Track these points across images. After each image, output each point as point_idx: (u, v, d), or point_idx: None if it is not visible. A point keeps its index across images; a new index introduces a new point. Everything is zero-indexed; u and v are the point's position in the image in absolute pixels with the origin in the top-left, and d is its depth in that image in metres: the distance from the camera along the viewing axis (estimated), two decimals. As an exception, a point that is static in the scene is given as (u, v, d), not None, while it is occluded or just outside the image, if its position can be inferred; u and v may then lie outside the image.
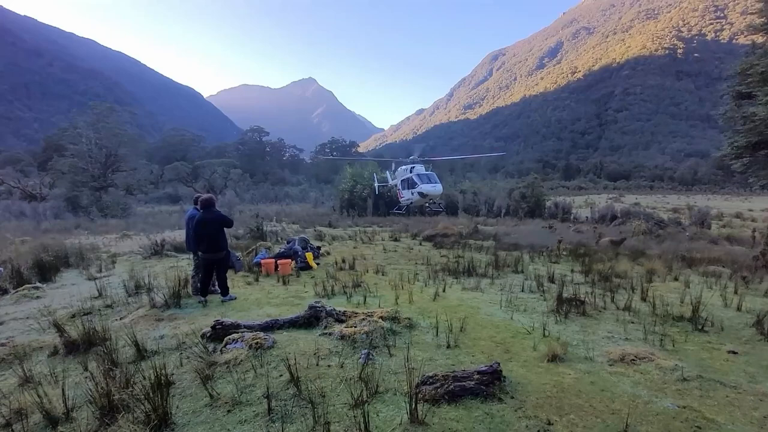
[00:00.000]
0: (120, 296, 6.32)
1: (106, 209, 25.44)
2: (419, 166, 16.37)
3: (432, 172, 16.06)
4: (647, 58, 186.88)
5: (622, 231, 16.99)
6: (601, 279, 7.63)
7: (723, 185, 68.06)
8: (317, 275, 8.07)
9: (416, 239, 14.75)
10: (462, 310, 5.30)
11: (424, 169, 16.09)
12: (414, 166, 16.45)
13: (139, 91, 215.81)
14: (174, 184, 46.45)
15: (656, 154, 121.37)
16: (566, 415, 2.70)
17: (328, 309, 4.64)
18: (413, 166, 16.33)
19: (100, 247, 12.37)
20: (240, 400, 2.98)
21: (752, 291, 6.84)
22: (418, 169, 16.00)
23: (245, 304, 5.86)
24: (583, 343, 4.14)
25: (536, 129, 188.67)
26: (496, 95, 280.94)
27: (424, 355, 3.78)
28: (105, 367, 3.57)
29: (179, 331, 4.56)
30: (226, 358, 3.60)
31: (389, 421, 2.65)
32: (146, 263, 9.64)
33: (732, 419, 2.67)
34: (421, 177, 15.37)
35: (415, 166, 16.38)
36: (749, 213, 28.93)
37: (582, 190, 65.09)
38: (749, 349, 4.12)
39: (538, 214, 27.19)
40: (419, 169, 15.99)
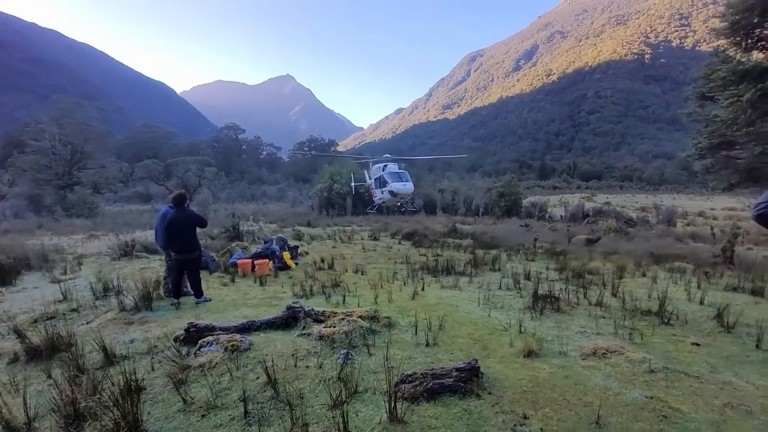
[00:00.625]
0: (87, 299, 6.05)
1: (72, 209, 24.26)
2: (392, 165, 16.27)
3: (404, 170, 16.04)
4: (617, 62, 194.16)
5: (594, 229, 17.57)
6: (574, 276, 7.86)
7: (687, 185, 71.50)
8: (295, 275, 7.96)
9: (395, 238, 14.79)
10: (441, 309, 5.35)
11: (396, 168, 16.05)
12: (387, 164, 16.39)
13: (107, 86, 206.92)
14: (145, 182, 44.77)
15: (626, 155, 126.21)
16: (541, 408, 2.76)
17: (306, 309, 4.58)
18: (386, 164, 16.24)
19: (65, 249, 11.78)
20: (215, 404, 2.90)
21: (713, 286, 7.21)
22: (391, 167, 15.89)
23: (221, 306, 5.71)
24: (558, 338, 4.25)
25: (513, 129, 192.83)
26: (474, 96, 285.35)
27: (404, 353, 3.79)
28: (70, 374, 3.41)
29: (150, 334, 4.40)
30: (201, 362, 3.50)
31: (368, 421, 2.64)
32: (115, 265, 9.26)
33: (695, 408, 2.80)
34: (393, 175, 15.29)
35: (388, 165, 16.28)
36: (711, 212, 30.52)
37: (556, 189, 66.97)
38: (710, 341, 4.34)
39: (515, 213, 27.77)
40: (392, 167, 15.89)
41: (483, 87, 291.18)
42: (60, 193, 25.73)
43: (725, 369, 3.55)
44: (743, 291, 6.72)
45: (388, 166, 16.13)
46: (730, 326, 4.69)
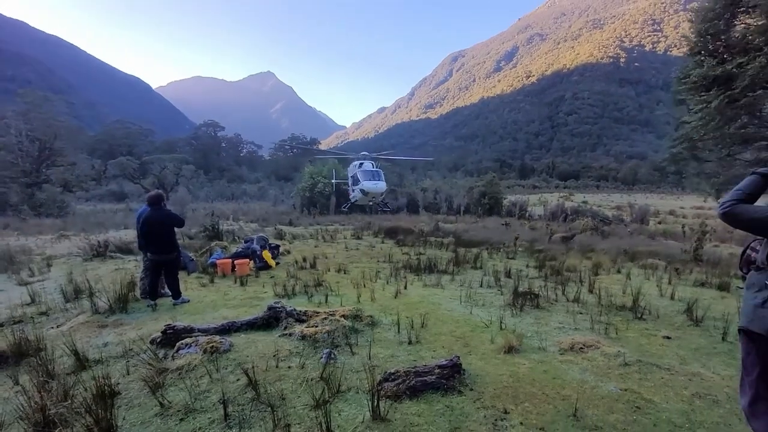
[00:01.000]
0: (57, 302, 5.80)
1: (40, 207, 23.21)
2: (367, 163, 15.96)
3: (379, 169, 15.70)
4: (594, 65, 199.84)
5: (571, 228, 18.04)
6: (553, 273, 8.05)
7: (659, 185, 74.28)
8: (277, 275, 7.86)
9: (378, 237, 14.79)
10: (423, 307, 5.38)
11: (371, 166, 15.75)
12: (363, 162, 16.24)
13: (77, 80, 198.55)
14: (119, 180, 43.30)
15: (602, 155, 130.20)
16: (521, 403, 2.82)
17: (288, 309, 4.53)
18: (362, 162, 16.11)
19: (32, 249, 11.27)
20: (194, 407, 2.83)
21: (683, 281, 7.51)
22: (366, 165, 15.63)
23: (199, 307, 5.58)
24: (537, 334, 4.35)
25: (494, 129, 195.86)
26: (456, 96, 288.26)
27: (386, 352, 3.80)
28: (39, 380, 3.27)
29: (126, 337, 4.26)
30: (179, 364, 3.41)
31: (351, 420, 2.63)
32: (87, 266, 8.91)
33: (666, 399, 2.91)
34: (365, 173, 15.10)
35: (364, 163, 16.08)
36: (681, 210, 31.83)
37: (536, 189, 68.44)
38: (680, 334, 4.52)
39: (496, 212, 28.23)
40: (367, 165, 15.63)
41: (465, 87, 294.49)
42: (27, 192, 24.56)
43: (694, 360, 3.70)
44: (710, 286, 7.03)
45: (364, 164, 15.96)
46: (698, 320, 4.90)
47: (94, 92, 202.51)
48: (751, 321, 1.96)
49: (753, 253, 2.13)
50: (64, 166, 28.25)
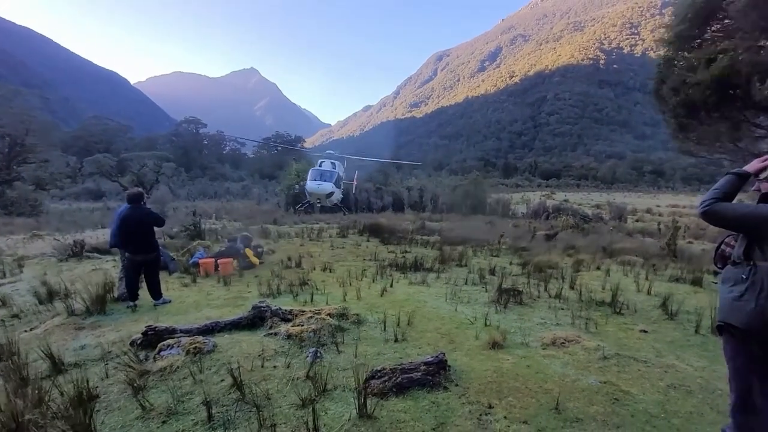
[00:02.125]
0: (29, 304, 5.60)
1: (11, 206, 22.30)
2: (327, 162, 15.36)
3: (334, 170, 14.94)
4: (575, 66, 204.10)
5: (553, 225, 18.41)
6: (535, 270, 8.20)
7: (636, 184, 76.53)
8: (262, 274, 7.76)
9: (364, 235, 14.77)
10: (409, 304, 5.41)
11: (332, 166, 15.17)
12: (323, 161, 15.48)
13: (50, 74, 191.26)
14: (96, 178, 41.93)
15: (582, 155, 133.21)
16: (505, 397, 2.87)
17: (273, 308, 4.49)
18: (322, 161, 15.46)
19: (3, 250, 10.83)
20: (176, 409, 2.78)
21: (659, 277, 7.76)
22: (325, 165, 15.13)
23: (182, 308, 5.47)
24: (520, 330, 4.43)
25: (478, 129, 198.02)
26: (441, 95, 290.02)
27: (373, 350, 3.80)
28: (13, 385, 3.15)
29: (104, 339, 4.15)
30: (160, 366, 3.34)
31: (338, 418, 2.63)
32: (62, 266, 8.62)
33: (643, 390, 3.01)
34: (314, 173, 14.50)
35: (325, 162, 15.36)
36: (657, 208, 32.86)
37: (519, 187, 69.53)
38: (656, 327, 4.68)
39: (480, 210, 28.55)
40: (325, 165, 15.12)
41: (449, 86, 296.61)
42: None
43: (669, 353, 3.84)
44: (684, 281, 7.29)
45: (324, 163, 15.30)
46: (673, 314, 5.08)
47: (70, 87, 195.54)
48: (728, 314, 2.04)
49: (728, 249, 2.22)
50: (37, 163, 27.22)
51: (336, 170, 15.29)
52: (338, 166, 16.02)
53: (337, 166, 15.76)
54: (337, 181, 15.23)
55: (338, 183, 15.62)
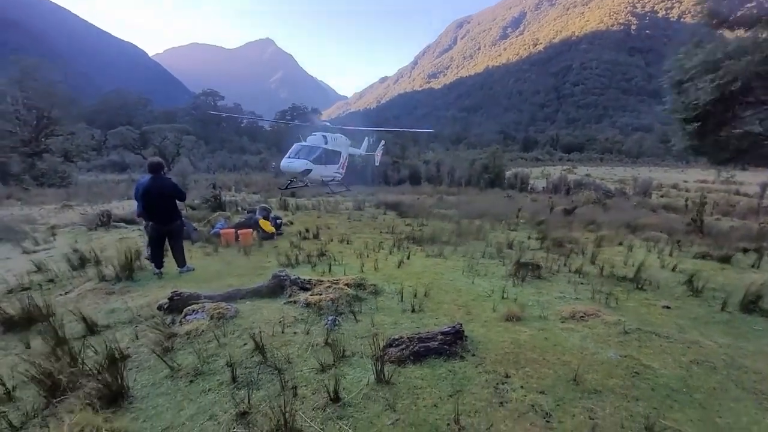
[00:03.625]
0: (63, 270, 5.87)
1: (42, 177, 23.15)
2: (317, 136, 13.74)
3: (318, 146, 13.36)
4: (604, 32, 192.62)
5: (573, 200, 17.96)
6: (554, 245, 8.07)
7: (664, 158, 73.34)
8: (280, 245, 7.90)
9: (380, 208, 14.78)
10: (426, 276, 5.43)
11: (319, 140, 13.57)
12: (315, 134, 13.90)
13: (70, 46, 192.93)
14: (120, 150, 42.92)
15: (607, 127, 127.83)
16: (522, 368, 2.88)
17: (292, 278, 4.57)
18: (314, 134, 13.92)
19: (36, 219, 11.33)
20: (202, 370, 2.91)
21: (684, 253, 7.53)
22: (312, 139, 13.57)
23: (205, 276, 5.65)
24: (538, 303, 4.40)
25: (498, 101, 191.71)
26: (460, 65, 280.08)
27: (390, 319, 3.86)
28: (50, 344, 3.35)
29: (133, 303, 4.33)
30: (187, 329, 3.48)
31: (356, 383, 2.70)
32: (92, 235, 8.97)
33: (664, 364, 2.97)
34: (294, 148, 13.14)
35: (314, 135, 13.77)
36: (684, 184, 31.54)
37: (539, 161, 67.66)
38: (680, 304, 4.57)
39: (498, 185, 28.05)
40: (313, 139, 13.56)
41: (469, 56, 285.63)
42: (28, 162, 24.40)
43: (692, 329, 3.76)
44: (711, 258, 7.05)
45: (312, 137, 13.68)
46: (698, 291, 4.95)
47: (89, 59, 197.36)
48: None
49: None
50: (63, 136, 27.93)
51: (324, 145, 13.67)
52: (333, 139, 14.44)
53: (330, 141, 14.16)
54: (324, 156, 13.56)
55: (328, 159, 13.97)
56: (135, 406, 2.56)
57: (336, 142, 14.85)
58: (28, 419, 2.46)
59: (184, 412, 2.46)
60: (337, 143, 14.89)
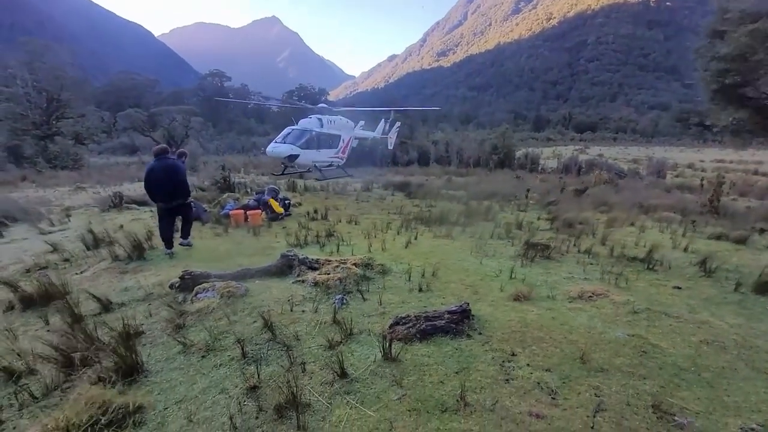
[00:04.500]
0: (78, 250, 6.01)
1: (55, 160, 23.43)
2: (312, 119, 13.07)
3: (312, 129, 12.68)
4: (621, 5, 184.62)
5: (584, 181, 17.65)
6: (564, 226, 7.98)
7: (680, 137, 71.23)
8: (289, 226, 7.95)
9: (388, 189, 14.72)
10: (434, 257, 5.43)
11: (313, 123, 12.94)
12: (311, 117, 13.21)
13: (76, 27, 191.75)
14: (129, 133, 43.11)
15: (622, 105, 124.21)
16: (529, 346, 2.89)
17: (300, 257, 4.61)
18: (310, 118, 13.18)
19: (51, 201, 11.55)
20: (213, 346, 2.99)
21: (699, 234, 7.39)
22: (304, 122, 12.88)
23: (214, 255, 5.72)
24: (546, 283, 4.38)
25: (509, 78, 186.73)
26: (471, 41, 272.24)
27: (397, 298, 3.88)
28: (68, 321, 3.46)
29: (146, 282, 4.43)
30: (198, 307, 3.56)
31: (363, 360, 2.74)
32: (105, 216, 9.13)
33: (673, 344, 2.95)
34: (284, 133, 12.49)
35: (309, 119, 13.06)
36: (700, 163, 30.68)
37: (550, 141, 66.27)
38: (692, 284, 4.51)
39: (507, 165, 27.62)
40: (306, 122, 12.88)
41: (480, 32, 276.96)
42: (41, 144, 24.69)
43: (703, 309, 3.72)
44: (727, 239, 6.91)
45: (304, 121, 12.94)
46: (711, 271, 4.87)
47: (95, 41, 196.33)
48: None
49: None
50: (74, 118, 28.06)
51: (319, 129, 12.99)
52: (330, 122, 13.73)
53: (326, 124, 13.47)
54: (317, 141, 12.84)
55: (323, 143, 13.26)
56: (149, 380, 2.64)
57: (334, 124, 14.12)
58: (49, 391, 2.57)
59: (196, 386, 2.53)
60: (335, 126, 14.19)
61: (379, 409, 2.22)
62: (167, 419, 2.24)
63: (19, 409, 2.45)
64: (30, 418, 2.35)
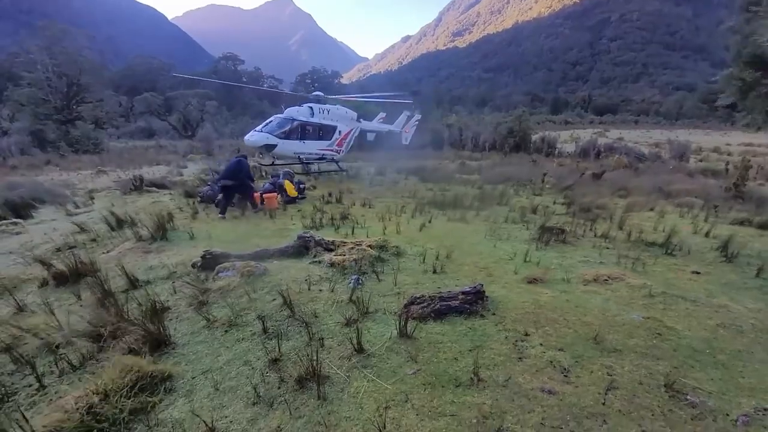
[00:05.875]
0: (103, 231, 6.24)
1: (77, 144, 24.03)
2: (304, 108, 12.30)
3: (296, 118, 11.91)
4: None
5: (603, 165, 17.23)
6: (581, 210, 7.88)
7: (706, 120, 68.39)
8: (304, 209, 8.07)
9: (402, 174, 14.68)
10: (448, 240, 5.46)
11: (302, 112, 12.19)
12: (301, 106, 12.39)
13: (92, 12, 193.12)
14: (146, 117, 43.76)
15: (645, 87, 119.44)
16: (542, 327, 2.93)
17: (317, 239, 4.71)
18: (301, 106, 12.41)
19: (75, 184, 11.93)
20: (236, 322, 3.12)
21: (721, 219, 7.21)
22: (292, 111, 12.11)
23: (233, 237, 5.88)
24: (561, 266, 4.38)
25: (527, 59, 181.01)
26: (487, 20, 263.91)
27: (411, 279, 3.95)
28: (98, 296, 3.64)
29: (169, 261, 4.60)
30: (219, 285, 3.69)
31: (380, 337, 2.83)
32: (126, 198, 9.41)
33: (689, 327, 2.95)
34: (265, 122, 11.85)
35: (299, 108, 12.26)
36: (726, 147, 29.49)
37: (568, 124, 64.49)
38: (711, 270, 4.44)
39: (523, 149, 27.12)
40: (293, 111, 12.12)
41: (497, 10, 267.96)
42: (62, 129, 25.31)
43: (722, 294, 3.68)
44: (750, 224, 6.73)
45: (291, 110, 12.14)
46: (732, 256, 4.77)
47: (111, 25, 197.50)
48: None
49: None
50: (93, 103, 28.59)
51: (305, 119, 12.16)
52: (323, 112, 12.86)
53: (318, 113, 12.62)
54: (301, 131, 12.07)
55: (311, 134, 12.55)
56: (177, 352, 2.79)
57: (328, 114, 13.14)
58: (86, 360, 2.74)
59: (221, 358, 2.67)
60: (330, 116, 13.22)
61: (395, 382, 2.31)
62: (195, 387, 2.38)
63: (60, 375, 2.63)
64: (69, 384, 2.53)
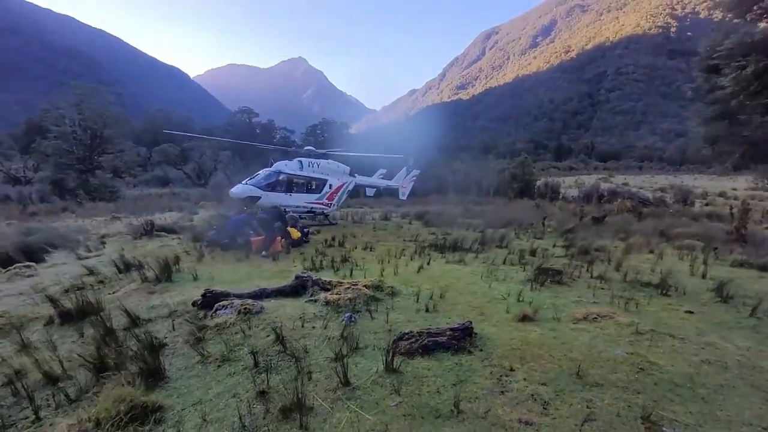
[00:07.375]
0: (111, 273, 6.46)
1: (94, 192, 25.13)
2: (293, 163, 12.40)
3: (285, 172, 11.95)
4: (641, 36, 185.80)
5: (605, 209, 17.39)
6: (580, 252, 7.94)
7: (710, 165, 68.97)
8: (306, 252, 8.26)
9: (406, 218, 14.98)
10: (444, 280, 5.56)
11: (291, 166, 12.29)
12: (288, 162, 12.44)
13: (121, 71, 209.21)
14: (163, 166, 45.77)
15: (646, 134, 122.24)
16: (527, 363, 2.98)
17: (314, 278, 4.85)
18: (292, 161, 12.53)
19: (89, 230, 12.38)
20: (229, 357, 3.21)
21: (721, 262, 7.22)
22: (281, 165, 12.17)
23: (235, 277, 6.05)
24: (553, 306, 4.43)
25: (528, 110, 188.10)
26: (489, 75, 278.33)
27: (404, 317, 4.03)
28: (100, 333, 3.78)
29: (171, 301, 4.75)
30: (216, 322, 3.82)
31: (366, 371, 2.90)
32: (136, 243, 9.73)
33: (672, 362, 2.96)
34: (254, 174, 11.94)
35: (288, 163, 12.35)
36: (732, 192, 29.62)
37: (572, 170, 65.52)
38: (705, 309, 4.45)
39: (527, 194, 27.53)
40: (281, 165, 12.18)
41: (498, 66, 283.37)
42: (82, 177, 26.60)
43: (712, 332, 3.68)
44: (750, 266, 6.72)
45: (279, 163, 12.18)
46: (728, 297, 4.78)
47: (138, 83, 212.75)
48: None
49: None
50: (114, 153, 30.21)
51: (293, 172, 12.27)
52: (312, 165, 12.93)
53: (307, 167, 12.72)
54: (287, 184, 12.09)
55: (299, 187, 12.49)
56: (170, 385, 2.88)
57: (318, 168, 13.12)
58: (82, 393, 2.84)
59: (211, 391, 2.75)
60: (320, 170, 13.17)
61: (377, 413, 2.36)
62: (184, 418, 2.45)
63: (56, 408, 2.72)
64: (64, 416, 2.61)
